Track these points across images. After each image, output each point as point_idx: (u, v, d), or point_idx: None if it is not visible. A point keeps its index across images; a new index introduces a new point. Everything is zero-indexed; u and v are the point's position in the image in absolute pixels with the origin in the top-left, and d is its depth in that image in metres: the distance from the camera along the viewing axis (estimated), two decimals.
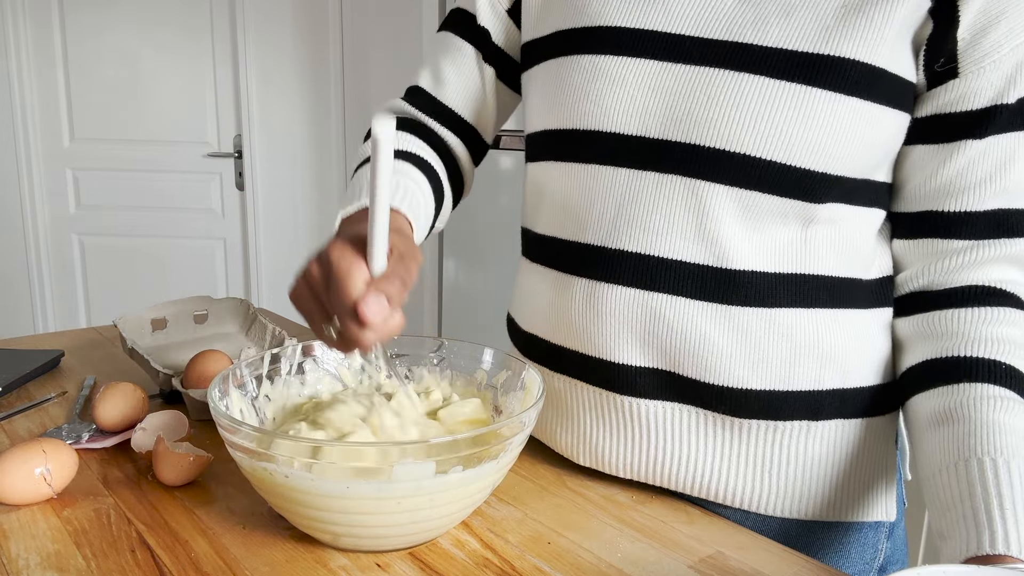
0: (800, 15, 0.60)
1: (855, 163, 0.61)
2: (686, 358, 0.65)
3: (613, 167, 0.65)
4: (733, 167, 0.61)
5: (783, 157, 0.60)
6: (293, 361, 0.74)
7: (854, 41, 0.59)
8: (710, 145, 0.61)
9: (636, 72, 0.64)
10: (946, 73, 0.61)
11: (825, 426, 0.66)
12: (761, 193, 0.61)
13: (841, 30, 0.59)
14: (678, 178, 0.63)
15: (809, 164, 0.60)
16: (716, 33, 0.62)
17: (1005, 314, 0.62)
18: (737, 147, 0.60)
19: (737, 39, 0.61)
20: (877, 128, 0.61)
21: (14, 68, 2.89)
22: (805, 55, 0.59)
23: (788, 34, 0.60)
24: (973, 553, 0.51)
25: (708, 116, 0.61)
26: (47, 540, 0.61)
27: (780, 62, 0.59)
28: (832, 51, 0.59)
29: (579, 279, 0.68)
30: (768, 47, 0.60)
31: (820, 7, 0.60)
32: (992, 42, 0.59)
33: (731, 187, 0.61)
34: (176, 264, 3.10)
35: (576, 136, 0.67)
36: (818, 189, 0.61)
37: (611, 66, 0.65)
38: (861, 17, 0.59)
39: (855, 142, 0.60)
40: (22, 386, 0.94)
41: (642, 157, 0.64)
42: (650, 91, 0.63)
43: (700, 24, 0.63)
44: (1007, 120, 0.61)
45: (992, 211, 0.62)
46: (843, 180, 0.62)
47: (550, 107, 0.69)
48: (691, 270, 0.63)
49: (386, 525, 0.57)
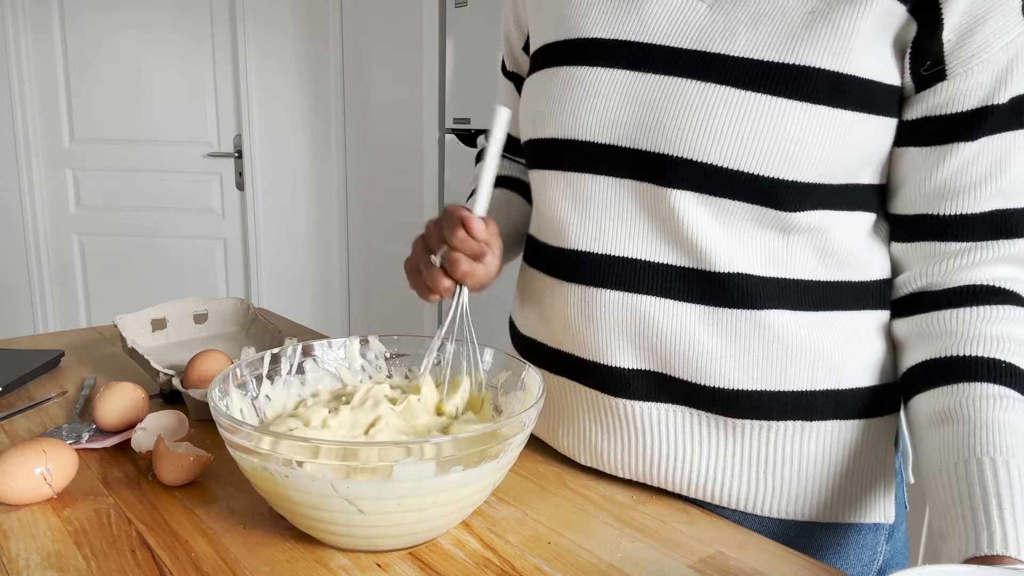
0: (768, 24, 0.60)
1: (829, 170, 0.61)
2: (677, 360, 0.65)
3: (592, 175, 0.67)
4: (701, 176, 0.61)
5: (750, 167, 0.60)
6: (293, 361, 0.74)
7: (819, 50, 0.59)
8: (678, 155, 0.62)
9: (609, 82, 0.65)
10: (934, 75, 0.60)
11: (820, 427, 0.66)
12: (732, 200, 0.61)
13: (807, 38, 0.59)
14: (652, 186, 0.64)
15: (777, 173, 0.60)
16: (686, 42, 0.63)
17: (1005, 312, 0.61)
18: (704, 157, 0.61)
19: (706, 48, 0.62)
20: (849, 135, 0.61)
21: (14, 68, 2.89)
22: (771, 64, 0.59)
23: (755, 43, 0.60)
24: (972, 553, 0.51)
25: (675, 126, 0.62)
26: (47, 540, 0.61)
27: (746, 72, 0.60)
28: (797, 60, 0.59)
29: (572, 284, 0.69)
30: (735, 56, 0.60)
31: (788, 15, 0.60)
32: (979, 43, 0.58)
33: (700, 194, 0.62)
34: (176, 264, 3.10)
35: (556, 145, 0.69)
36: (789, 197, 0.61)
37: (586, 76, 0.66)
38: (827, 25, 0.59)
39: (824, 150, 0.60)
40: (22, 386, 0.94)
41: (616, 165, 0.65)
42: (621, 100, 0.64)
43: (672, 33, 0.63)
44: (1000, 120, 0.60)
45: (989, 212, 0.62)
46: (817, 187, 0.61)
47: (534, 117, 0.71)
48: (677, 273, 0.64)
49: (386, 525, 0.57)
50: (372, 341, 0.77)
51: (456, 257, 0.65)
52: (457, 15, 2.53)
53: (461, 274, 0.66)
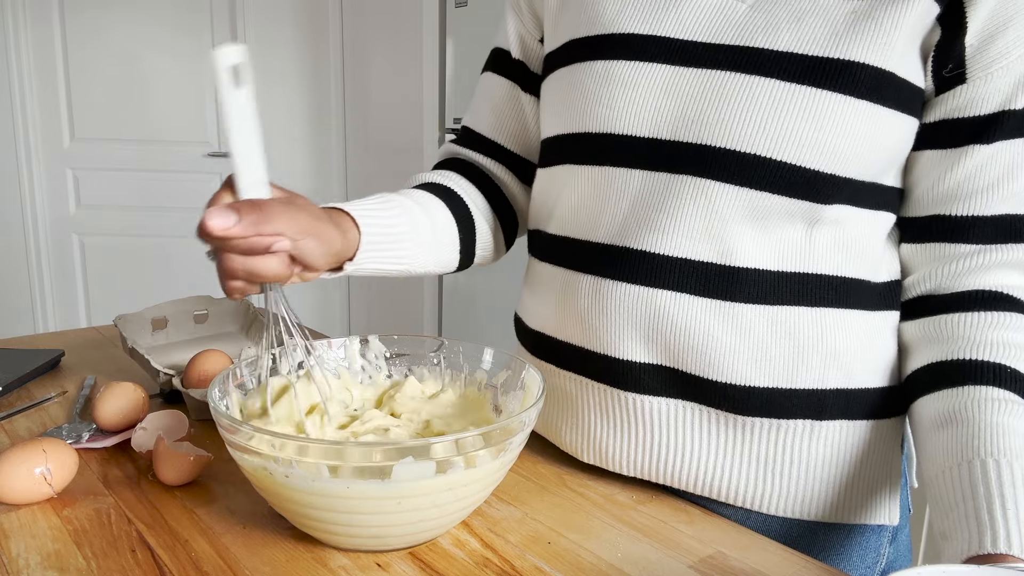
0: (811, 20, 0.61)
1: (863, 165, 0.62)
2: (690, 355, 0.65)
3: (626, 168, 0.66)
4: (743, 167, 0.61)
5: (793, 158, 0.60)
6: (293, 361, 0.74)
7: (864, 45, 0.59)
8: (721, 146, 0.62)
9: (649, 76, 0.65)
10: (954, 79, 0.61)
11: (829, 426, 0.66)
12: (770, 194, 0.61)
13: (851, 34, 0.60)
14: (689, 178, 0.63)
15: (818, 165, 0.60)
16: (728, 39, 0.63)
17: (1010, 319, 0.62)
18: (748, 147, 0.61)
19: (749, 44, 0.62)
20: (886, 131, 0.61)
21: (14, 68, 2.89)
22: (815, 59, 0.60)
23: (799, 39, 0.60)
24: (974, 552, 0.51)
25: (719, 117, 0.62)
26: (47, 540, 0.61)
27: (791, 65, 0.60)
28: (842, 55, 0.59)
29: (586, 276, 0.69)
30: (779, 51, 0.61)
31: (831, 13, 0.61)
32: (1000, 48, 0.59)
33: (740, 187, 0.62)
34: (176, 264, 3.10)
35: (590, 139, 0.68)
36: (826, 190, 0.61)
37: (624, 70, 0.66)
38: (871, 22, 0.60)
39: (864, 144, 0.60)
40: (22, 386, 0.94)
41: (654, 159, 0.65)
42: (662, 94, 0.64)
43: (712, 30, 0.64)
44: (1015, 126, 0.61)
45: (1000, 216, 0.62)
46: (851, 182, 0.62)
47: (565, 112, 0.71)
48: (695, 267, 0.64)
49: (386, 525, 0.57)
50: (372, 341, 0.77)
51: (224, 260, 0.53)
52: (457, 15, 2.53)
53: (227, 276, 0.53)
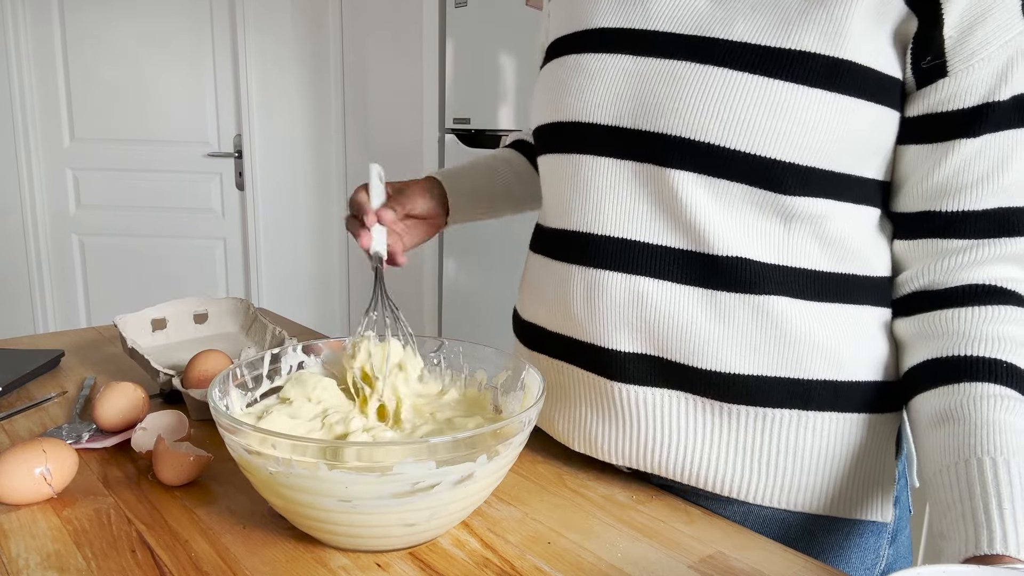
0: (765, 11, 0.62)
1: (826, 154, 0.62)
2: (673, 343, 0.66)
3: (593, 156, 0.68)
4: (699, 155, 0.62)
5: (747, 146, 0.61)
6: (293, 361, 0.74)
7: (813, 34, 0.60)
8: (677, 134, 0.63)
9: (612, 66, 0.67)
10: (935, 72, 0.61)
11: (818, 417, 0.66)
12: (730, 182, 0.62)
13: (802, 23, 0.61)
14: (651, 166, 0.65)
15: (775, 153, 0.61)
16: (687, 29, 0.65)
17: (1006, 312, 0.61)
18: (702, 136, 0.62)
19: (706, 34, 0.64)
20: (848, 120, 0.61)
21: (14, 68, 2.89)
22: (768, 48, 0.61)
23: (753, 29, 0.62)
24: (972, 552, 0.51)
25: (674, 106, 0.63)
26: (47, 540, 0.61)
27: (744, 55, 0.61)
28: (794, 45, 0.61)
29: (573, 266, 0.70)
30: (734, 41, 0.62)
31: (784, 3, 0.62)
32: (980, 39, 0.59)
33: (700, 175, 0.63)
34: (176, 264, 3.10)
35: (561, 128, 0.71)
36: (787, 179, 0.62)
37: (591, 62, 0.69)
38: (821, 11, 0.61)
39: (821, 132, 0.61)
40: (22, 386, 0.94)
41: (617, 146, 0.67)
42: (623, 83, 0.66)
43: (674, 22, 0.66)
44: (1001, 118, 0.60)
45: (991, 210, 0.62)
46: (817, 172, 0.62)
47: (544, 104, 0.74)
48: (675, 255, 0.65)
49: (386, 525, 0.57)
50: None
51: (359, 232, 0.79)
52: (457, 15, 2.53)
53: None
